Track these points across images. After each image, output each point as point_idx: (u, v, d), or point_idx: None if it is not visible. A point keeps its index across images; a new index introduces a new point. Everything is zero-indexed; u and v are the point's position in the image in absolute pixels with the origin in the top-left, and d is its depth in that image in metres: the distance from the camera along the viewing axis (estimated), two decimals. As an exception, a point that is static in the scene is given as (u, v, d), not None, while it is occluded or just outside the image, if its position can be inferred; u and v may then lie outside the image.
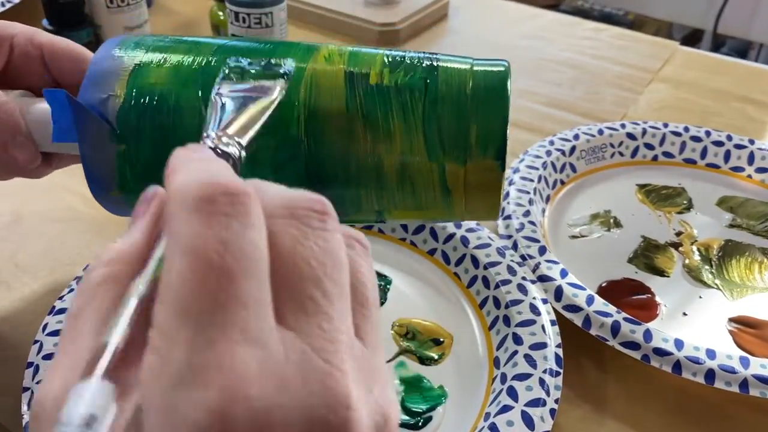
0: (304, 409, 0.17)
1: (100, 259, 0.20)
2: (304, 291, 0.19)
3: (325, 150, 0.35)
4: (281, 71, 0.31)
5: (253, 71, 0.30)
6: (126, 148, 0.36)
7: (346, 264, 0.20)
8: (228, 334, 0.17)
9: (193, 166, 0.20)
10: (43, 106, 0.39)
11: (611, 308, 0.44)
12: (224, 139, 0.24)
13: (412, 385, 0.42)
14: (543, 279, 0.46)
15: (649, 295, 0.49)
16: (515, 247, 0.49)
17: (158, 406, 0.16)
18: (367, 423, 0.18)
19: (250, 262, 0.18)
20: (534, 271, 0.47)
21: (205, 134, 0.25)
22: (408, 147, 0.35)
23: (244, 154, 0.24)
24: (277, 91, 0.29)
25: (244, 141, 0.25)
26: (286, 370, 0.17)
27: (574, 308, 0.44)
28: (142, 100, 0.36)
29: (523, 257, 0.48)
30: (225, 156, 0.24)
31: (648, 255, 0.53)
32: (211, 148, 0.23)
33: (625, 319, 0.43)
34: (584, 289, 0.46)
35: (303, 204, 0.20)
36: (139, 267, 0.20)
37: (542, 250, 0.49)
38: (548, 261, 0.48)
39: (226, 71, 0.30)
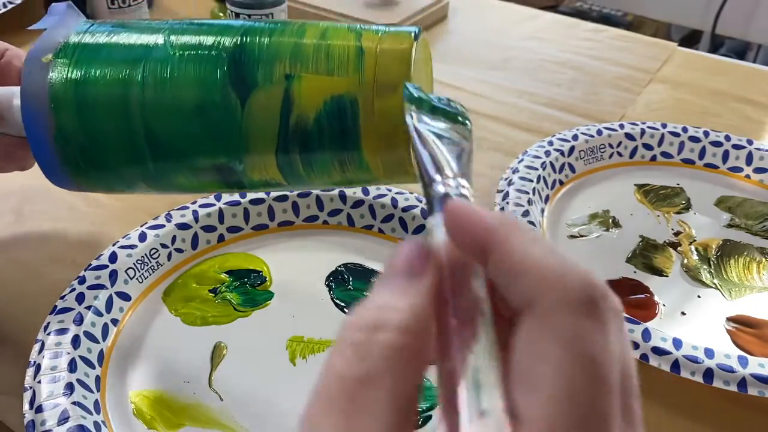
0: None
1: (383, 318, 0.19)
2: (629, 402, 0.19)
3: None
4: (461, 113, 0.31)
5: (441, 109, 0.31)
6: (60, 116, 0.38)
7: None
8: None
9: (539, 242, 0.19)
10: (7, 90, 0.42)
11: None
12: (452, 183, 0.23)
13: (412, 384, 0.42)
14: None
15: (648, 295, 0.49)
16: (514, 246, 0.49)
17: None
18: None
19: (618, 372, 0.18)
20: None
21: (431, 181, 0.23)
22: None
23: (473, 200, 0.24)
24: (469, 137, 0.29)
25: (469, 185, 0.24)
26: None
27: (573, 308, 0.45)
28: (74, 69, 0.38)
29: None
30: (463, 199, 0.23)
31: (646, 255, 0.53)
32: (445, 194, 0.22)
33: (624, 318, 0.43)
34: (583, 288, 0.46)
35: (609, 303, 0.19)
36: (428, 341, 0.19)
37: (541, 250, 0.49)
38: (547, 261, 0.48)
39: (414, 102, 0.31)
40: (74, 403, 0.37)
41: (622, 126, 0.63)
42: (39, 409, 0.37)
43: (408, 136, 0.28)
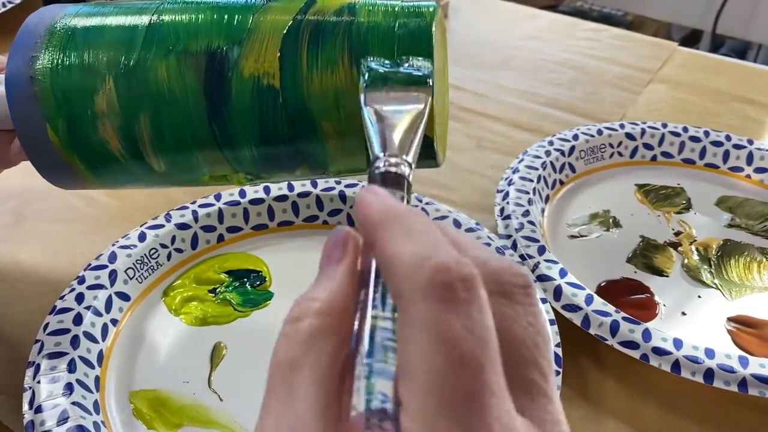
0: None
1: (304, 307, 0.20)
2: (526, 374, 0.19)
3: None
4: (421, 76, 0.31)
5: (394, 77, 0.30)
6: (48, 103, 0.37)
7: (551, 338, 0.21)
8: (488, 426, 0.17)
9: (412, 236, 0.19)
10: None
11: (610, 308, 0.44)
12: (393, 160, 0.24)
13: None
14: (542, 278, 0.47)
15: (648, 295, 0.49)
16: (515, 246, 0.49)
17: None
18: None
19: (491, 349, 0.18)
20: (533, 270, 0.47)
21: (373, 156, 0.24)
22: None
23: (413, 168, 0.24)
24: (424, 101, 0.29)
25: (411, 159, 0.25)
26: None
27: (573, 308, 0.45)
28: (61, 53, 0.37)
29: (522, 257, 0.48)
30: (399, 178, 0.24)
31: (647, 255, 0.53)
32: (382, 172, 0.23)
33: (624, 318, 0.43)
34: (583, 288, 0.46)
35: (509, 278, 0.20)
36: (348, 319, 0.20)
37: (541, 250, 0.49)
38: (547, 261, 0.48)
39: (366, 76, 0.30)
40: (74, 403, 0.37)
41: (622, 126, 0.63)
42: (38, 410, 0.37)
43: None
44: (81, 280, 0.45)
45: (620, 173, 0.62)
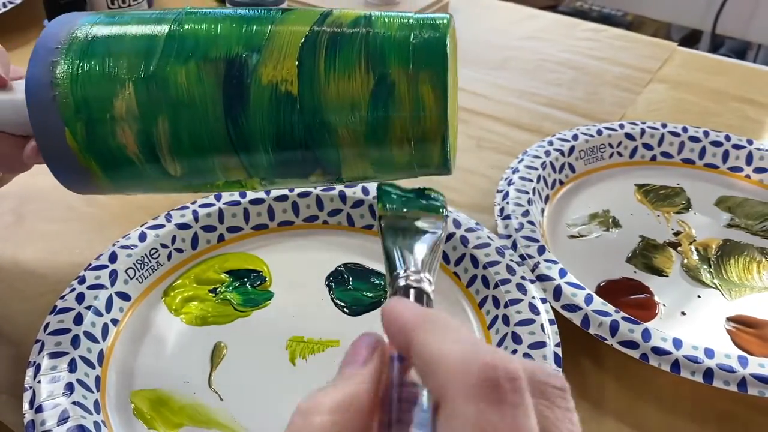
0: None
1: (318, 402, 0.20)
2: None
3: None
4: (439, 206, 0.33)
5: (411, 203, 0.32)
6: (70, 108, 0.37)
7: None
8: None
9: (451, 336, 0.20)
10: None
11: (610, 308, 0.44)
12: (414, 277, 0.25)
13: (412, 384, 0.42)
14: (542, 278, 0.47)
15: (648, 295, 0.49)
16: (514, 246, 0.49)
17: None
18: None
19: None
20: (533, 270, 0.47)
21: (394, 272, 0.25)
22: None
23: (433, 288, 0.25)
24: (441, 228, 0.31)
25: (432, 277, 0.25)
26: None
27: (573, 307, 0.45)
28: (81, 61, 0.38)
29: (522, 257, 0.49)
30: (420, 293, 0.24)
31: (646, 255, 0.53)
32: (404, 286, 0.24)
33: (623, 318, 0.43)
34: (583, 288, 0.46)
35: (547, 379, 0.20)
36: (370, 419, 0.21)
37: (541, 250, 0.49)
38: (547, 260, 0.48)
39: (383, 205, 0.32)
40: (74, 403, 0.37)
41: (622, 126, 0.63)
42: (39, 409, 0.37)
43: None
44: (81, 280, 0.45)
45: (620, 173, 0.62)
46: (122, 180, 0.40)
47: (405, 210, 0.33)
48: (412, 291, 0.24)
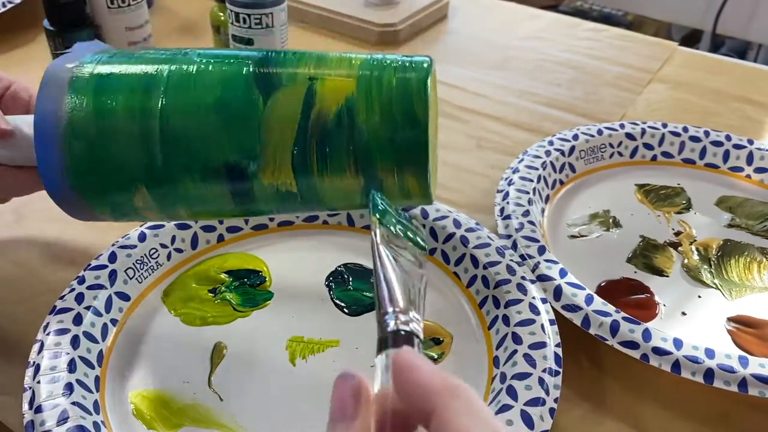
0: None
1: None
2: None
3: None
4: (423, 244, 0.35)
5: (401, 227, 0.34)
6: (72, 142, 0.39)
7: None
8: None
9: (475, 414, 0.21)
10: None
11: (610, 308, 0.44)
12: (403, 318, 0.25)
13: (412, 385, 0.42)
14: (542, 278, 0.47)
15: (648, 295, 0.49)
16: (515, 246, 0.49)
17: None
18: None
19: None
20: (533, 270, 0.47)
21: (384, 313, 0.26)
22: None
23: (422, 327, 0.26)
24: (426, 266, 0.32)
25: (420, 315, 0.26)
26: None
27: (573, 308, 0.45)
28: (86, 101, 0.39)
29: (522, 257, 0.48)
30: (410, 336, 0.25)
31: (647, 255, 0.53)
32: (394, 330, 0.25)
33: (624, 318, 0.43)
34: (583, 288, 0.46)
35: None
36: None
37: (541, 250, 0.49)
38: (547, 261, 0.48)
39: (378, 225, 0.33)
40: (74, 403, 0.37)
41: (622, 126, 0.63)
42: (38, 410, 0.37)
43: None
44: (81, 280, 0.45)
45: (620, 173, 0.62)
46: (129, 219, 0.44)
47: (395, 230, 0.34)
48: (402, 335, 0.25)
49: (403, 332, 0.25)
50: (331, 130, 0.38)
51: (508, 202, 0.53)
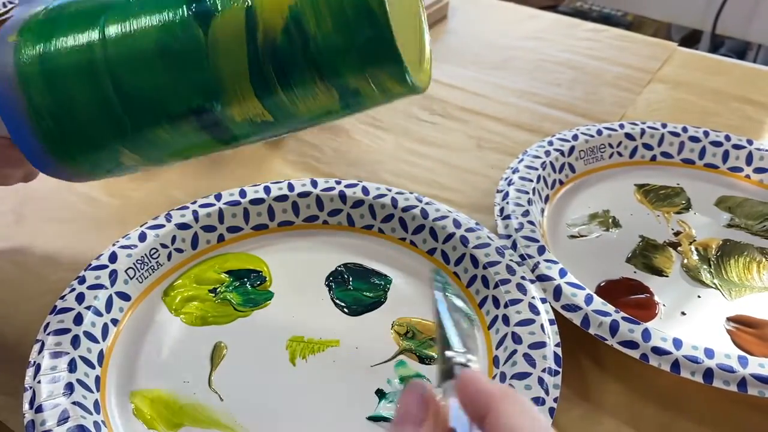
0: None
1: None
2: None
3: None
4: (472, 316, 0.38)
5: (456, 299, 0.35)
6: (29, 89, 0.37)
7: None
8: None
9: (527, 413, 0.24)
10: None
11: (610, 308, 0.44)
12: (462, 358, 0.28)
13: (412, 384, 0.42)
14: (542, 278, 0.47)
15: (648, 295, 0.49)
16: (514, 246, 0.49)
17: None
18: None
19: None
20: (533, 270, 0.47)
21: (453, 350, 0.29)
22: None
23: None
24: (476, 327, 0.37)
25: (475, 358, 0.29)
26: None
27: (573, 307, 0.45)
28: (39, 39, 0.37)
29: (522, 257, 0.49)
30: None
31: (646, 255, 0.53)
32: (461, 362, 0.28)
33: (623, 318, 0.43)
34: (583, 288, 0.46)
35: None
36: None
37: (541, 250, 0.49)
38: (547, 261, 0.48)
39: (441, 287, 0.34)
40: (74, 403, 0.37)
41: (622, 126, 0.63)
42: (39, 409, 0.37)
43: None
44: (81, 280, 0.45)
45: (620, 173, 0.62)
46: (100, 169, 0.42)
47: (452, 296, 0.35)
48: (467, 367, 0.28)
49: (468, 365, 0.28)
50: (283, 48, 0.34)
51: (507, 202, 0.53)
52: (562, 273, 0.47)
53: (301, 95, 0.36)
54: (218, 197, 0.52)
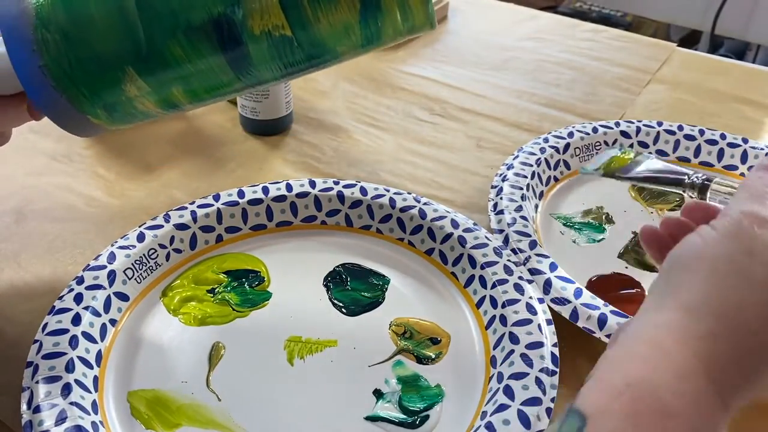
0: None
1: None
2: None
3: None
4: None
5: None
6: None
7: None
8: None
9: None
10: None
11: (598, 301, 0.45)
12: (703, 176, 0.43)
13: (410, 384, 0.42)
14: (533, 272, 0.47)
15: (638, 290, 0.50)
16: (506, 241, 0.50)
17: None
18: None
19: None
20: (524, 264, 0.47)
21: (687, 174, 0.43)
22: None
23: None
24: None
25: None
26: None
27: (562, 301, 0.45)
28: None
29: (514, 251, 0.49)
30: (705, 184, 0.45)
31: (638, 251, 0.53)
32: (705, 178, 0.44)
33: (612, 311, 0.44)
34: (572, 282, 0.46)
35: None
36: None
37: (533, 244, 0.49)
38: (538, 255, 0.48)
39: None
40: (72, 403, 0.37)
41: (617, 124, 0.63)
42: (37, 409, 0.37)
43: None
44: (80, 281, 0.45)
45: (617, 173, 0.62)
46: (126, 122, 0.42)
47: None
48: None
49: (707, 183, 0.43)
50: None
51: (501, 198, 0.53)
52: (553, 267, 0.47)
53: (324, 5, 0.36)
54: (216, 197, 0.52)
